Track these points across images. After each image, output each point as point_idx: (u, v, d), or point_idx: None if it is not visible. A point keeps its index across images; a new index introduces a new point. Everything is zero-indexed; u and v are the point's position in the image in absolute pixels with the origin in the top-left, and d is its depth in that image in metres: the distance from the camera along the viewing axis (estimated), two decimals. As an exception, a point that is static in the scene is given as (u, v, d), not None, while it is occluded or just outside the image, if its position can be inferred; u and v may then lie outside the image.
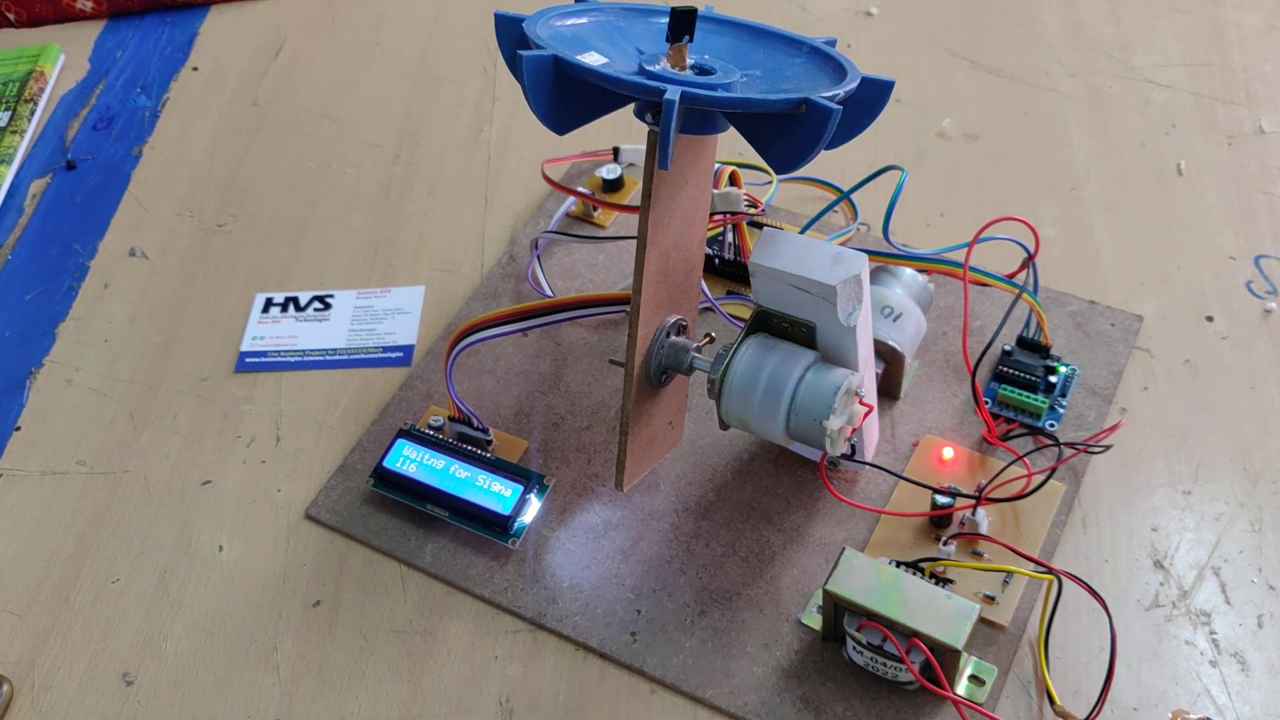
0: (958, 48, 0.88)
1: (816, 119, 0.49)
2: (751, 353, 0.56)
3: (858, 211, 0.75)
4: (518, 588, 0.60)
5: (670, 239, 0.57)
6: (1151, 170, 0.78)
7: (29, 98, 0.91)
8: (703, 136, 0.56)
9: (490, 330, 0.63)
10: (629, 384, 0.57)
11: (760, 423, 0.56)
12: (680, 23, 0.53)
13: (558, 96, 0.51)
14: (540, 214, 0.78)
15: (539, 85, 0.50)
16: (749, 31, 0.59)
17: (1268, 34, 0.87)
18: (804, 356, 0.56)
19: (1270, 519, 0.61)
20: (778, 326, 0.57)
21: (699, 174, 0.58)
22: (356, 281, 0.77)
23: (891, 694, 0.55)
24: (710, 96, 0.50)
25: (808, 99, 0.49)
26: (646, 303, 0.56)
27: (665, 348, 0.58)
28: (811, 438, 0.55)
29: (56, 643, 0.61)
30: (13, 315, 0.77)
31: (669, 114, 0.48)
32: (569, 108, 0.52)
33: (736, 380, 0.56)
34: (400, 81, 0.91)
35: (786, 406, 0.55)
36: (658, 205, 0.55)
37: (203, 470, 0.67)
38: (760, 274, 0.55)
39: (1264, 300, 0.70)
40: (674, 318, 0.59)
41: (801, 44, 0.58)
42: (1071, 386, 0.66)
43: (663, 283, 0.57)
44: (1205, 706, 0.54)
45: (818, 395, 0.55)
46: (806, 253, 0.54)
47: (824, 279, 0.53)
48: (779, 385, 0.55)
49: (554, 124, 0.53)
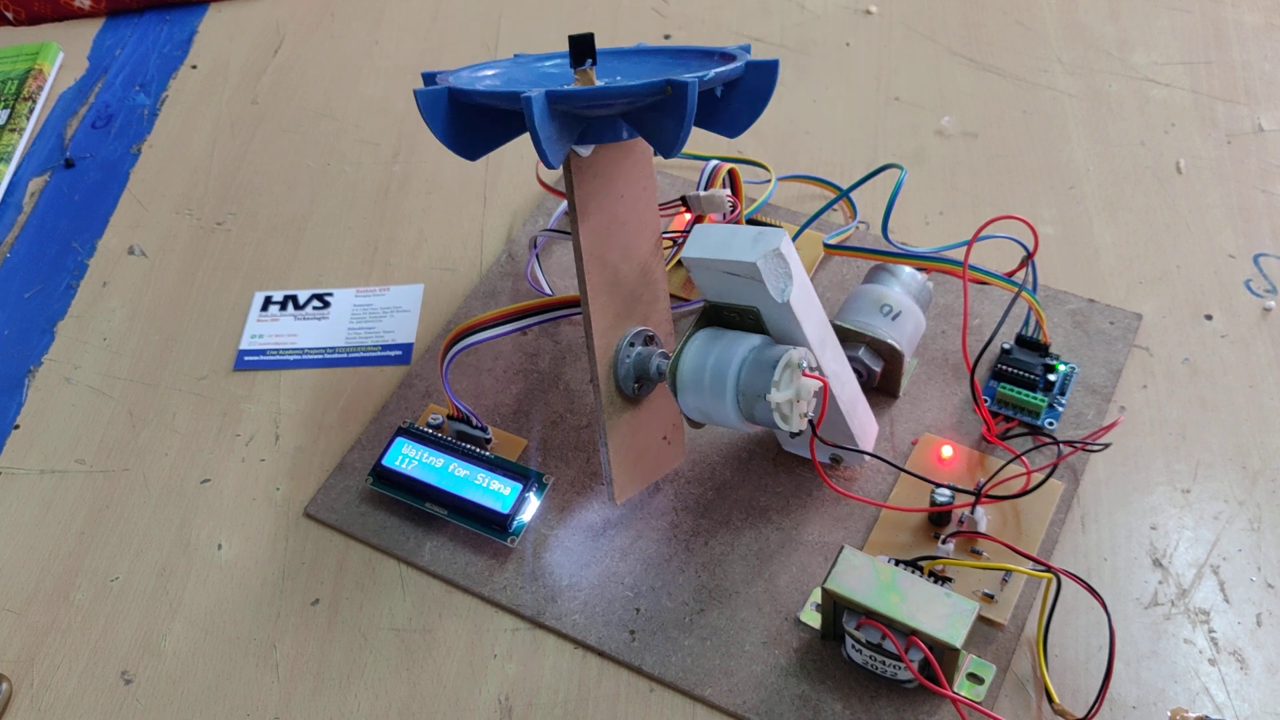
0: (957, 46, 0.88)
1: (680, 96, 0.51)
2: (699, 344, 0.57)
3: (857, 210, 0.75)
4: (517, 586, 0.60)
5: (613, 249, 0.58)
6: (1151, 169, 0.78)
7: (28, 96, 0.91)
8: (626, 146, 0.58)
9: (486, 332, 0.63)
10: (598, 396, 0.58)
11: (715, 409, 0.56)
12: (579, 49, 0.57)
13: (458, 125, 0.56)
14: (539, 212, 0.78)
15: (435, 116, 0.55)
16: (671, 54, 0.62)
17: (1267, 32, 0.87)
18: (749, 340, 0.56)
19: (1269, 517, 0.61)
20: (727, 317, 0.58)
21: (634, 184, 0.59)
22: (355, 280, 0.77)
23: (890, 692, 0.55)
24: (573, 91, 0.52)
25: (670, 80, 0.51)
26: (598, 314, 0.57)
27: (630, 358, 0.59)
28: (765, 418, 0.55)
29: (55, 641, 0.61)
30: (11, 313, 0.77)
31: (529, 110, 0.51)
32: (470, 134, 0.57)
33: (686, 371, 0.56)
34: (399, 80, 0.91)
35: (733, 388, 0.55)
36: (586, 217, 0.57)
37: (201, 469, 0.67)
38: (693, 267, 0.56)
39: (1263, 299, 0.70)
40: (637, 328, 0.59)
41: (713, 53, 0.60)
42: (1070, 385, 0.66)
43: (614, 294, 0.58)
44: (1204, 705, 0.54)
45: (758, 372, 0.55)
46: (731, 238, 0.55)
47: (745, 257, 0.54)
48: (723, 369, 0.56)
49: (460, 150, 0.57)
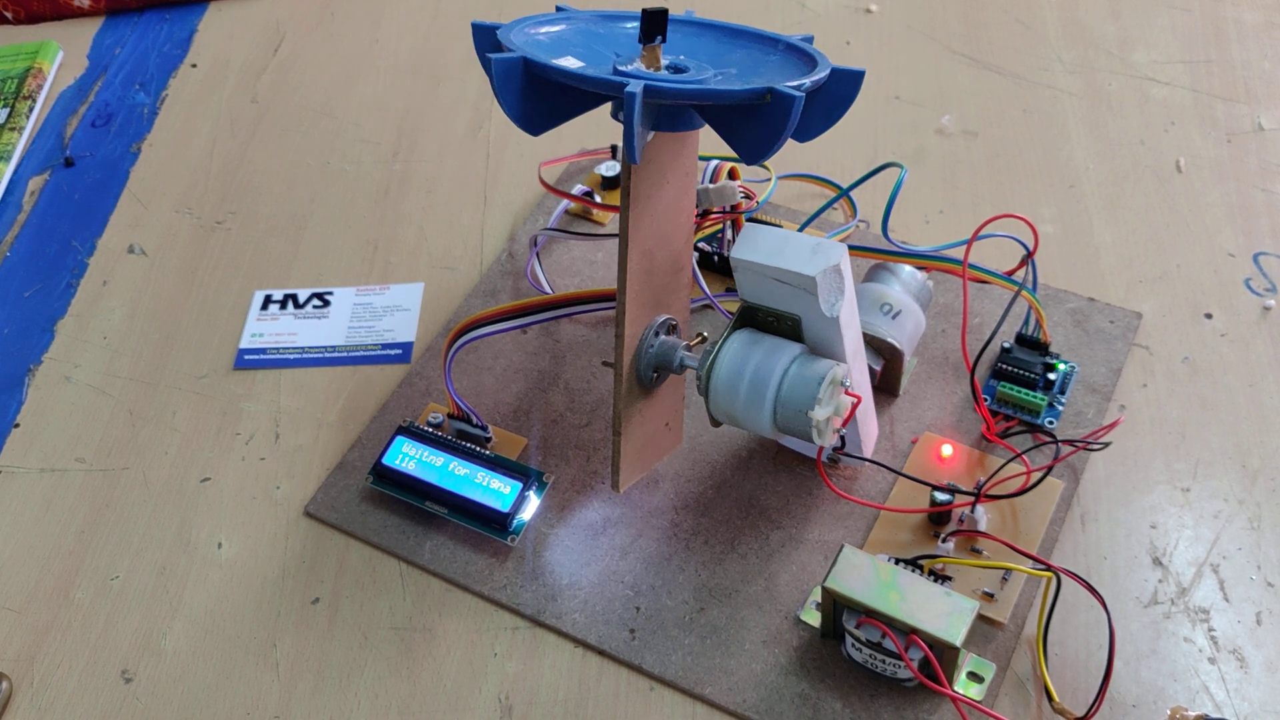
0: (957, 45, 0.88)
1: (781, 107, 0.50)
2: (736, 347, 0.57)
3: (857, 208, 0.75)
4: (517, 585, 0.60)
5: (653, 238, 0.57)
6: (1151, 167, 0.78)
7: (27, 94, 0.91)
8: (681, 135, 0.57)
9: (489, 327, 0.64)
10: (619, 384, 0.57)
11: (747, 417, 0.56)
12: (651, 23, 0.54)
13: (529, 97, 0.53)
14: (539, 211, 0.78)
15: (509, 87, 0.52)
16: (726, 33, 0.60)
17: (1267, 31, 0.87)
18: (789, 349, 0.56)
19: (1269, 516, 0.61)
20: (763, 320, 0.57)
21: (680, 172, 0.58)
22: (355, 279, 0.77)
23: (890, 691, 0.55)
24: (674, 88, 0.51)
25: (772, 88, 0.50)
26: (632, 302, 0.56)
27: (654, 347, 0.58)
28: (799, 430, 0.55)
29: (56, 640, 0.61)
30: (11, 312, 0.77)
31: (631, 106, 0.49)
32: (540, 108, 0.54)
33: (722, 375, 0.56)
34: (399, 78, 0.91)
35: (772, 399, 0.55)
36: (637, 204, 0.55)
37: (201, 467, 0.67)
38: (741, 268, 0.56)
39: (1263, 297, 0.70)
40: (663, 317, 0.59)
41: (777, 41, 0.59)
42: (1070, 384, 0.66)
43: (648, 282, 0.57)
44: (1203, 703, 0.54)
45: (802, 386, 0.55)
46: (785, 245, 0.55)
47: (804, 270, 0.53)
48: (764, 378, 0.55)
49: (526, 124, 0.54)
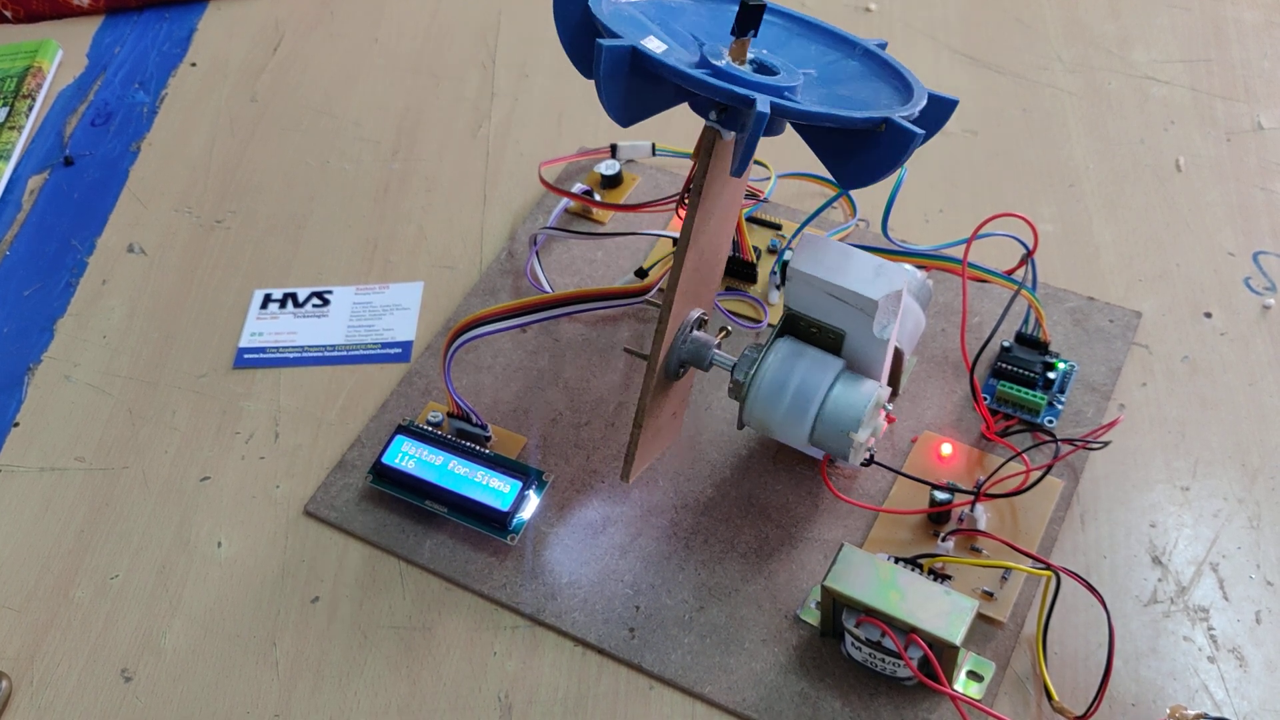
0: (957, 43, 0.88)
1: (897, 141, 0.47)
2: (781, 358, 0.56)
3: (856, 207, 0.75)
4: (516, 584, 0.60)
5: (706, 235, 0.56)
6: (1150, 166, 0.78)
7: (27, 93, 0.91)
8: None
9: (489, 326, 0.63)
10: (649, 377, 0.57)
11: (784, 428, 0.56)
12: (749, 18, 0.52)
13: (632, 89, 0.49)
14: (539, 210, 0.78)
15: (615, 78, 0.48)
16: (798, 24, 0.58)
17: (1267, 30, 0.87)
18: (832, 365, 0.56)
19: (1268, 515, 0.61)
20: (805, 330, 0.57)
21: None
22: (355, 278, 0.77)
23: (890, 690, 0.55)
24: (796, 109, 0.48)
25: (889, 119, 0.47)
26: (680, 297, 0.56)
27: (688, 342, 0.58)
28: (835, 447, 0.56)
29: (55, 639, 0.61)
30: (11, 311, 0.77)
31: (759, 125, 0.46)
32: (639, 100, 0.51)
33: (765, 385, 0.56)
34: (398, 77, 0.91)
35: (814, 415, 0.55)
36: (705, 201, 0.53)
37: (201, 466, 0.67)
38: (799, 279, 0.55)
39: (1262, 296, 0.70)
40: (697, 312, 0.59)
41: (854, 45, 0.57)
42: (1070, 383, 0.66)
43: (693, 278, 0.57)
44: (1203, 702, 0.54)
45: (848, 407, 0.55)
46: (847, 262, 0.54)
47: (866, 292, 0.53)
48: (808, 394, 0.55)
49: (622, 116, 0.51)
